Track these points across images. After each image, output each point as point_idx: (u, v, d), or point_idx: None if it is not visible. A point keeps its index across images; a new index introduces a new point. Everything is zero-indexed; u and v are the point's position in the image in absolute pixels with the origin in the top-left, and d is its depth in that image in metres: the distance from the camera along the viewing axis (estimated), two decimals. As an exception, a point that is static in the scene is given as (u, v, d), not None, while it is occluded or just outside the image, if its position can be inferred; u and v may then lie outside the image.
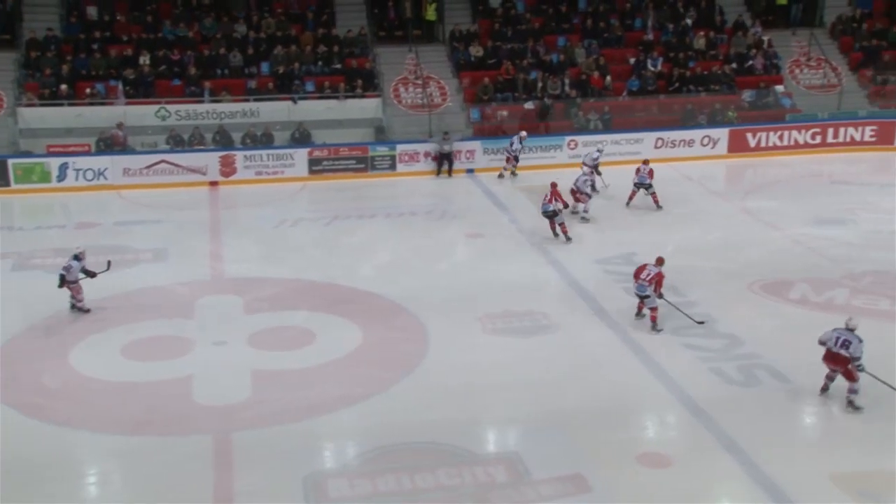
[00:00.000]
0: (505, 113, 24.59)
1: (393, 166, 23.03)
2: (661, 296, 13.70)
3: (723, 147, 24.06)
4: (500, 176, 22.45)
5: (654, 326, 13.60)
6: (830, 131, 24.60)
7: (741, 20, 27.30)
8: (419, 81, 25.16)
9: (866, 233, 17.80)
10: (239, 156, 22.45)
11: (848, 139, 24.60)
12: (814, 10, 28.09)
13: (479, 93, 24.75)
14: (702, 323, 13.75)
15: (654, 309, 13.63)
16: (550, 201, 17.49)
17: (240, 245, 17.85)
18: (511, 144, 22.37)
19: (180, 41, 24.90)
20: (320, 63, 24.95)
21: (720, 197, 20.47)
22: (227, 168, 22.29)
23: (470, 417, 11.33)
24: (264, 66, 24.75)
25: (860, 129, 24.66)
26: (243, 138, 23.14)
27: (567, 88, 25.00)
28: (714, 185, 21.11)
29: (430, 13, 26.79)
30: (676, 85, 25.30)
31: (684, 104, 24.99)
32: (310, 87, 24.45)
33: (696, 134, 24.04)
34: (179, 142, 22.78)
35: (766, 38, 26.90)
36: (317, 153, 22.77)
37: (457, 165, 22.93)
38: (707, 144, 23.96)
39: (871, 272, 15.62)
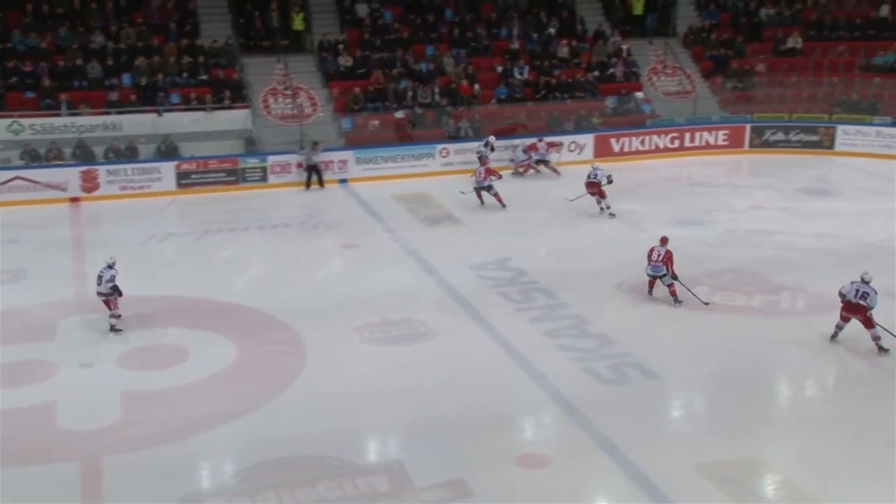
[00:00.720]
0: (376, 122, 24.62)
1: (264, 178, 22.68)
2: (675, 276, 14.78)
3: (589, 152, 24.82)
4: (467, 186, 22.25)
5: (676, 299, 14.80)
6: (687, 136, 25.76)
7: (601, 30, 28.27)
8: (289, 92, 24.89)
9: (723, 232, 18.71)
10: (101, 170, 21.64)
11: (703, 143, 25.81)
12: (667, 20, 29.38)
13: (350, 102, 24.69)
14: (707, 304, 14.72)
15: (671, 285, 14.82)
16: (485, 178, 20.23)
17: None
18: (483, 147, 22.66)
19: (32, 52, 23.75)
20: (185, 74, 24.33)
21: (588, 200, 21.04)
22: (89, 183, 21.44)
23: (350, 428, 11.27)
24: (126, 78, 23.93)
25: (714, 133, 25.92)
26: (106, 152, 22.30)
27: (437, 97, 25.25)
28: (581, 189, 21.66)
29: (298, 23, 26.60)
30: (543, 92, 25.95)
31: (551, 111, 25.65)
32: (175, 98, 23.80)
33: (563, 139, 24.71)
34: (35, 157, 21.76)
35: (624, 47, 27.94)
36: (185, 166, 22.19)
37: (330, 175, 22.78)
38: (574, 150, 24.67)
39: (729, 269, 16.42)
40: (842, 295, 13.18)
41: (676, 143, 25.65)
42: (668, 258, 14.81)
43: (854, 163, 24.26)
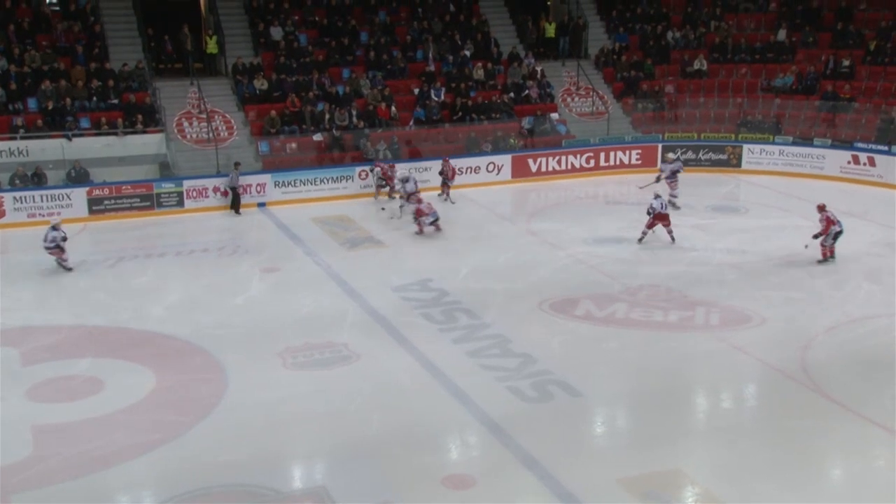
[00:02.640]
0: (294, 145, 24.47)
1: (181, 203, 22.28)
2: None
3: (507, 173, 25.13)
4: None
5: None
6: (602, 155, 26.32)
7: (515, 52, 28.72)
8: (203, 115, 24.55)
9: (639, 249, 19.12)
10: (7, 197, 20.96)
11: (617, 162, 26.41)
12: (579, 43, 30.03)
13: (266, 126, 24.49)
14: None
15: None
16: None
17: (13, 293, 16.61)
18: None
19: (-69, 76, 22.94)
20: (95, 98, 23.77)
21: (507, 220, 21.34)
22: (-6, 211, 20.76)
23: (273, 455, 11.11)
24: (31, 102, 23.26)
25: (627, 152, 26.56)
26: (11, 179, 21.59)
27: (355, 119, 25.25)
28: (501, 209, 21.98)
29: (212, 46, 26.32)
30: (460, 114, 26.19)
31: (468, 132, 25.90)
32: (85, 123, 23.23)
33: (481, 161, 24.98)
34: (-65, 185, 20.97)
35: (539, 69, 28.43)
36: (97, 192, 21.64)
37: (248, 199, 22.52)
38: (492, 171, 24.94)
39: (646, 286, 16.79)
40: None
41: (592, 163, 26.18)
42: None
43: (760, 180, 25.13)
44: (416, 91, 26.65)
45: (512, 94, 27.39)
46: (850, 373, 13.18)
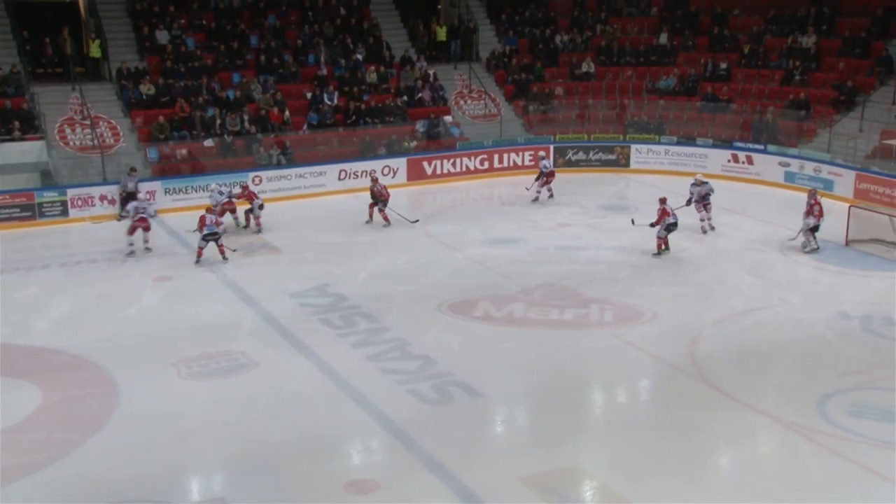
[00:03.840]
0: (185, 151, 23.90)
1: (65, 212, 21.47)
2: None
3: (402, 176, 25.17)
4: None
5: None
6: (496, 157, 26.66)
7: (407, 55, 28.80)
8: (87, 122, 23.69)
9: (534, 249, 19.45)
10: None
11: (511, 164, 26.79)
12: (470, 46, 30.33)
13: (155, 132, 23.82)
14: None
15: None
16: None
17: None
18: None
19: None
20: (-33, 104, 22.69)
21: (403, 223, 21.34)
22: None
23: (170, 469, 10.83)
24: None
25: (520, 154, 26.96)
26: None
27: (247, 124, 24.83)
28: (398, 212, 21.93)
29: (94, 50, 25.47)
30: (353, 118, 26.08)
31: (363, 136, 25.83)
32: (-44, 130, 22.15)
33: (376, 164, 24.90)
34: None
35: (431, 72, 28.59)
36: (-28, 202, 20.65)
37: (135, 207, 21.88)
38: (388, 174, 24.92)
39: (542, 285, 17.08)
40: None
41: (486, 165, 26.48)
42: None
43: (648, 179, 25.90)
44: (309, 95, 26.40)
45: (405, 98, 27.45)
46: (735, 364, 13.73)
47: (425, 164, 25.64)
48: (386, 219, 21.01)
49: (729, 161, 25.68)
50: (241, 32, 27.37)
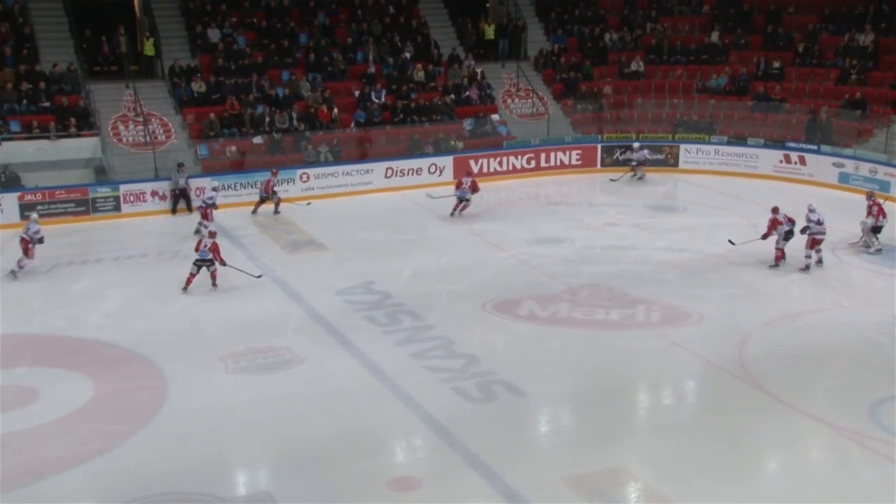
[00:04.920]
0: (234, 148, 24.19)
1: (118, 207, 21.87)
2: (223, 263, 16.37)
3: (449, 174, 25.17)
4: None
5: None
6: (543, 156, 26.55)
7: (455, 54, 28.80)
8: (140, 119, 24.12)
9: (580, 249, 19.33)
10: (-64, 203, 20.34)
11: (558, 163, 26.66)
12: (518, 45, 30.25)
13: (205, 129, 24.16)
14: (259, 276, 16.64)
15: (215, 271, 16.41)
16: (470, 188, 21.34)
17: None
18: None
19: None
20: (25, 101, 23.18)
21: (450, 222, 21.36)
22: (-79, 218, 20.11)
23: (216, 462, 10.97)
24: (-42, 106, 22.64)
25: (568, 153, 26.82)
26: (-62, 184, 20.99)
27: (295, 122, 25.05)
28: (443, 210, 21.98)
29: (148, 48, 25.87)
30: (401, 116, 26.17)
31: (410, 134, 25.89)
32: (15, 126, 22.62)
33: (423, 162, 24.99)
34: None
35: (479, 71, 28.56)
36: (29, 197, 21.11)
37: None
38: (434, 172, 24.97)
39: (588, 285, 16.96)
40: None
41: (533, 164, 26.38)
42: None
43: (696, 180, 25.59)
44: (357, 93, 26.55)
45: (452, 96, 27.46)
46: (785, 367, 13.49)
47: (472, 162, 25.62)
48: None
49: (781, 161, 25.25)
50: (290, 30, 27.62)
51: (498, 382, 12.96)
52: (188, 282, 16.62)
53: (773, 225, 17.77)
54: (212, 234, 16.91)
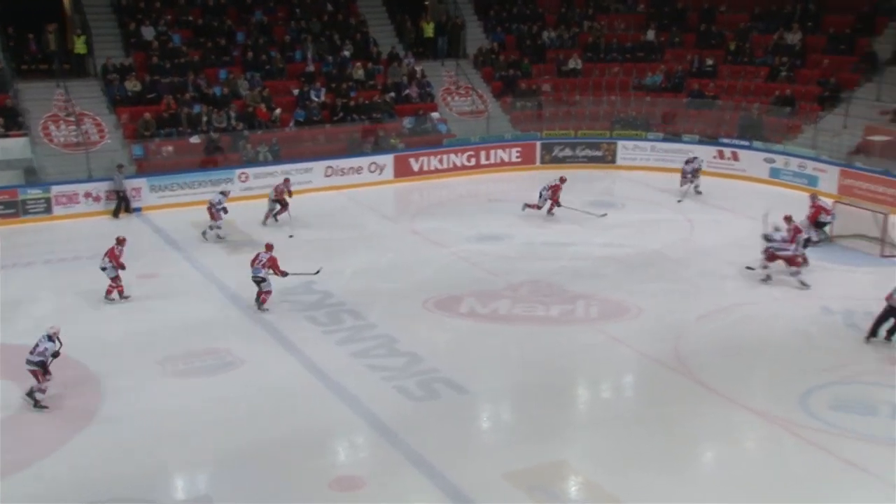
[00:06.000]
0: (170, 148, 23.80)
1: (48, 209, 21.36)
2: (284, 274, 15.66)
3: (389, 172, 25.13)
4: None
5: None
6: (483, 154, 26.65)
7: (395, 52, 28.75)
8: (72, 118, 23.58)
9: (520, 245, 19.46)
10: None
11: (498, 160, 26.79)
12: (458, 43, 30.29)
13: (140, 128, 23.71)
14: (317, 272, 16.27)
15: (268, 292, 15.58)
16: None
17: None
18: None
19: None
20: (-49, 100, 22.54)
21: (390, 220, 21.34)
22: None
23: (155, 466, 10.82)
24: None
25: (507, 150, 26.96)
26: None
27: (233, 121, 24.75)
28: (384, 209, 21.96)
29: (79, 46, 25.27)
30: (340, 114, 26.03)
31: (350, 133, 25.77)
32: (-60, 126, 21.98)
33: (363, 161, 24.90)
34: None
35: (418, 69, 28.55)
36: (-47, 199, 20.53)
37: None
38: (374, 171, 24.90)
39: (528, 282, 17.10)
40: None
41: (473, 161, 26.46)
42: (270, 264, 15.54)
43: (634, 176, 25.95)
44: (296, 92, 26.34)
45: (392, 94, 27.40)
46: (720, 359, 13.80)
47: (412, 160, 25.61)
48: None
49: (715, 157, 25.73)
50: (227, 29, 27.28)
51: (440, 380, 13.01)
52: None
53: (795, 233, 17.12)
54: (268, 248, 15.92)
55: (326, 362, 13.57)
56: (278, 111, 25.30)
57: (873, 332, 14.22)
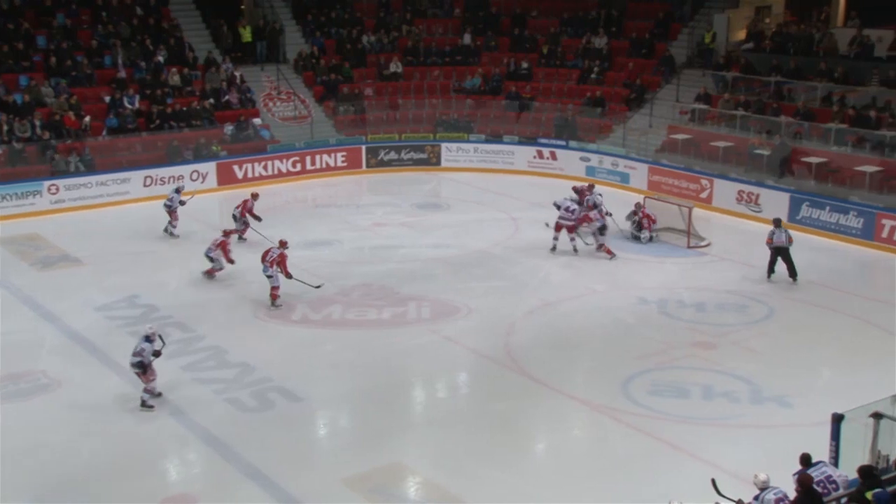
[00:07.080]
0: (-32, 159, 22.19)
1: None
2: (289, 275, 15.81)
3: (212, 180, 24.47)
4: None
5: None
6: (308, 159, 26.42)
7: (212, 57, 28.00)
8: None
9: (350, 250, 19.47)
10: None
11: (324, 165, 26.65)
12: (277, 47, 29.87)
13: (-67, 139, 21.96)
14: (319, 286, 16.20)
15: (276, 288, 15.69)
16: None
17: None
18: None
19: None
20: None
21: (214, 229, 20.74)
22: None
23: (-32, 504, 10.08)
24: None
25: (333, 155, 26.87)
26: None
27: (39, 130, 23.32)
28: (208, 217, 21.33)
29: None
30: (157, 122, 25.08)
31: (168, 140, 24.89)
32: None
33: (184, 169, 24.09)
34: None
35: (238, 74, 27.95)
36: None
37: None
38: (196, 179, 24.16)
39: (359, 286, 17.13)
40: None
41: (298, 167, 26.19)
42: (278, 260, 15.84)
43: (459, 177, 26.47)
44: (108, 99, 25.15)
45: (211, 100, 26.69)
46: (547, 352, 14.33)
47: (236, 167, 25.06)
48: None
49: (534, 157, 26.67)
50: (25, 32, 25.66)
51: (274, 389, 12.83)
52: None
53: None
54: (282, 244, 16.08)
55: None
56: (88, 119, 24.10)
57: (770, 272, 17.11)
